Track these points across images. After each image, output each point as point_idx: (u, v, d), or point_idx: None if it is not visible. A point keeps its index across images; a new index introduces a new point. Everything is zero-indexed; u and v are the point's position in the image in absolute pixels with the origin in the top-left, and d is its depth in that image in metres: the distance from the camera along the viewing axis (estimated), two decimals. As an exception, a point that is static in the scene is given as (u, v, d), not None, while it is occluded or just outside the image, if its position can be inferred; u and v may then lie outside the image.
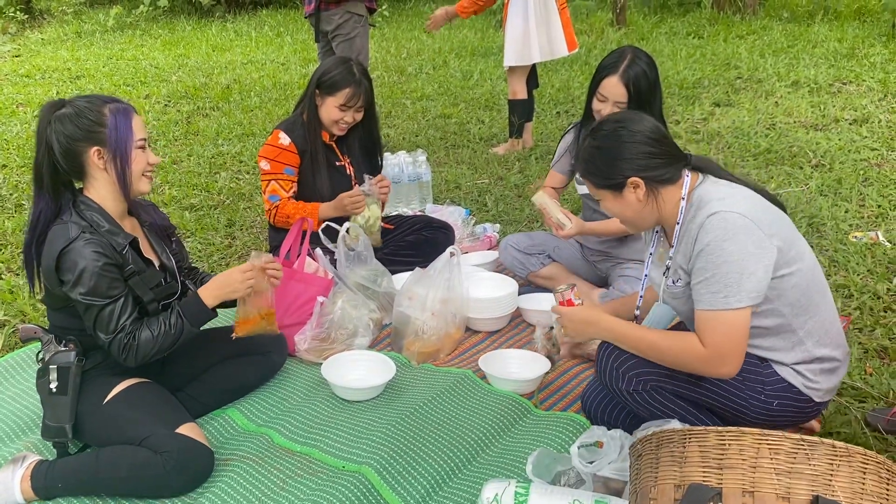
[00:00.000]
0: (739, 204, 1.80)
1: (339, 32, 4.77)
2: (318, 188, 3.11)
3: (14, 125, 6.01)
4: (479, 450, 2.20)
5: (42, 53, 9.38)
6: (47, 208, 2.08)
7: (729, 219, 1.77)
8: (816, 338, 1.90)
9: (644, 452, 1.48)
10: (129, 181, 2.10)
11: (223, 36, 10.12)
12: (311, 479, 2.07)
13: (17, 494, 2.02)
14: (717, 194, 1.84)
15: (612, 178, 1.91)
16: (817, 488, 1.29)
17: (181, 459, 2.01)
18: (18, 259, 3.59)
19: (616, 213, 1.99)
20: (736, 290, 1.75)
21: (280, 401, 2.47)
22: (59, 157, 2.05)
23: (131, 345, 2.05)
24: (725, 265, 1.76)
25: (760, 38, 8.25)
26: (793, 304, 1.85)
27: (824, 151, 4.77)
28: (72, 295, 2.01)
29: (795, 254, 1.85)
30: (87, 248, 1.99)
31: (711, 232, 1.78)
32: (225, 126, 5.91)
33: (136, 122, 2.11)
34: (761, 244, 1.77)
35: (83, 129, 2.04)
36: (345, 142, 3.21)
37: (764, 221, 1.80)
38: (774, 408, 1.92)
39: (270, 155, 3.07)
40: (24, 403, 2.47)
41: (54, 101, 2.10)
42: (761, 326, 1.88)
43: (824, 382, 1.94)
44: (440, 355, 2.70)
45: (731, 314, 1.76)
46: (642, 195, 1.91)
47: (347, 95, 3.00)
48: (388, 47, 9.01)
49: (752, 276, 1.76)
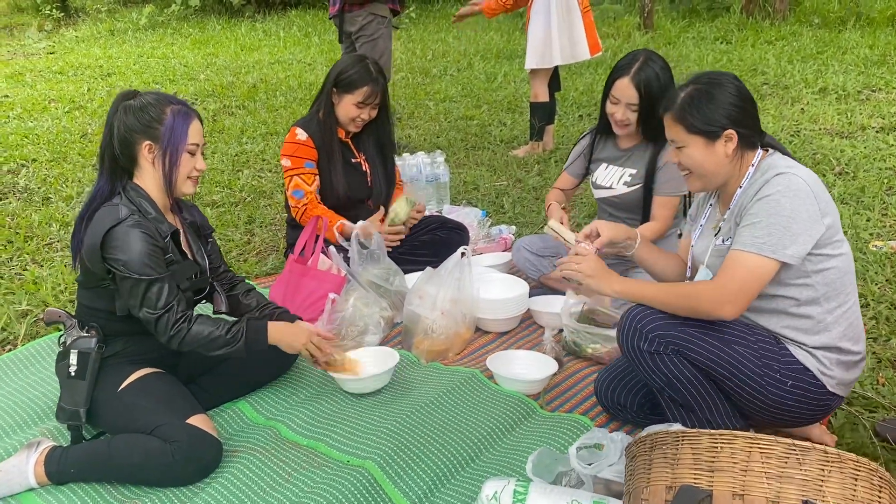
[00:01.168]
0: (805, 173, 1.90)
1: (363, 34, 4.82)
2: (334, 184, 3.16)
3: (45, 120, 6.15)
4: (482, 448, 2.22)
5: (75, 51, 9.58)
6: (103, 190, 2.19)
7: (794, 181, 1.86)
8: (843, 327, 1.95)
9: (638, 454, 1.49)
10: (174, 180, 2.19)
11: (252, 35, 10.25)
12: (315, 472, 2.10)
13: (31, 478, 2.08)
14: (785, 163, 1.94)
15: (712, 123, 1.93)
16: (808, 493, 1.29)
17: (190, 449, 2.06)
18: (44, 251, 3.68)
19: (696, 161, 1.98)
20: (777, 241, 1.83)
21: (289, 395, 2.51)
22: (116, 143, 2.16)
23: (181, 328, 2.12)
24: (777, 216, 1.84)
25: (789, 44, 8.17)
26: (828, 285, 1.92)
27: (849, 159, 4.72)
28: (119, 271, 2.07)
29: (840, 239, 1.92)
30: (135, 228, 2.08)
31: (775, 186, 1.86)
32: (249, 125, 5.99)
33: (194, 127, 2.19)
34: (814, 214, 1.85)
35: (142, 122, 2.14)
36: (360, 139, 3.25)
37: (823, 198, 1.89)
38: (788, 388, 1.94)
39: (290, 151, 3.12)
40: (43, 391, 2.53)
41: (127, 91, 2.22)
42: (795, 298, 1.93)
43: (839, 373, 1.97)
44: (449, 354, 2.72)
45: (760, 260, 1.85)
46: (731, 151, 1.95)
47: (365, 94, 3.04)
48: (413, 49, 9.06)
49: (795, 238, 1.84)
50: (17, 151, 5.23)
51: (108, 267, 2.09)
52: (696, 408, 2.01)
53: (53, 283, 3.25)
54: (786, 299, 1.95)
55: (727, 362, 1.94)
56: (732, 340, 1.95)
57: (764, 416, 2.04)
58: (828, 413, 2.08)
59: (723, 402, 2.02)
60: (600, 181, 2.98)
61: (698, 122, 1.94)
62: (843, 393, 2.01)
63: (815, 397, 1.95)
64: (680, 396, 2.01)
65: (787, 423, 2.08)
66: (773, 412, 2.00)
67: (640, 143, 2.86)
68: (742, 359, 1.93)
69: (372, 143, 3.28)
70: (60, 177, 4.71)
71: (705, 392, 2.00)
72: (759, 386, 1.94)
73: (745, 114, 1.95)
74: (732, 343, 1.94)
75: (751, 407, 2.00)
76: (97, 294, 2.20)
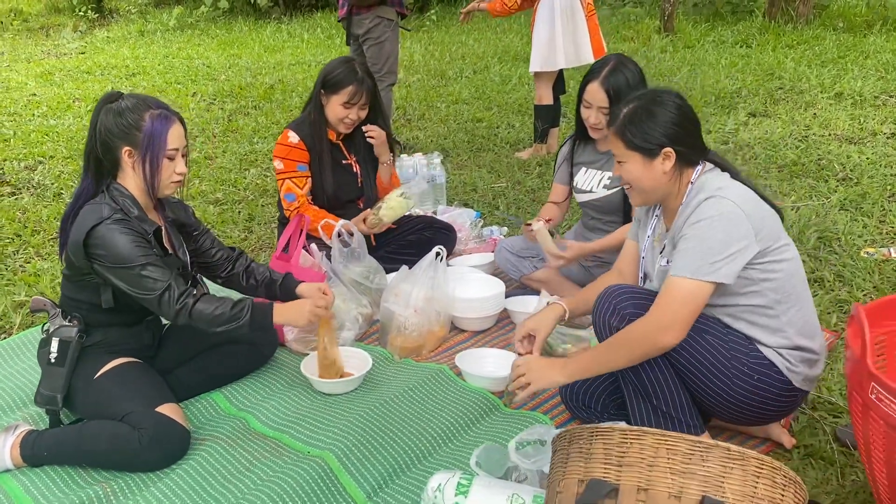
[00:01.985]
0: (735, 194, 1.93)
1: (370, 36, 4.91)
2: (323, 186, 3.23)
3: (68, 118, 6.33)
4: (440, 443, 2.27)
5: (105, 51, 9.83)
6: (88, 189, 2.27)
7: (723, 204, 1.90)
8: (797, 327, 2.00)
9: (559, 448, 1.53)
10: (155, 185, 2.24)
11: (276, 37, 10.41)
12: (275, 461, 2.17)
13: (7, 460, 2.18)
14: (718, 183, 1.98)
15: (650, 141, 1.97)
16: (708, 489, 1.32)
17: (156, 436, 2.14)
18: (49, 245, 3.82)
19: (634, 177, 2.03)
20: (709, 264, 1.88)
21: (262, 387, 2.58)
22: (98, 146, 2.22)
23: (186, 302, 2.19)
24: (709, 241, 1.88)
25: (810, 48, 8.06)
26: (777, 290, 1.96)
27: (854, 165, 4.67)
28: (109, 265, 2.14)
29: (783, 245, 1.98)
30: (117, 225, 2.15)
31: (705, 211, 1.91)
32: (262, 125, 6.11)
33: (173, 133, 2.21)
34: (745, 234, 1.90)
35: (119, 128, 2.18)
36: (352, 140, 3.32)
37: (755, 216, 1.93)
38: (755, 382, 1.98)
39: (282, 154, 3.20)
40: (30, 378, 2.64)
41: (111, 94, 2.26)
42: (749, 304, 1.99)
43: (804, 369, 2.02)
44: (423, 351, 2.77)
45: (693, 284, 1.89)
46: (669, 168, 2.00)
47: (350, 93, 3.11)
48: (433, 51, 9.13)
49: (727, 259, 1.88)
50: (36, 149, 5.40)
51: (93, 263, 2.17)
52: (654, 397, 2.03)
53: (52, 276, 3.38)
54: (739, 306, 2.00)
55: (697, 350, 1.97)
56: (705, 331, 1.99)
57: (728, 411, 2.05)
58: (791, 410, 2.10)
59: (683, 397, 2.05)
60: (581, 185, 3.01)
61: (637, 139, 1.98)
62: (808, 388, 2.06)
63: (780, 393, 1.99)
64: (641, 383, 2.03)
65: (750, 420, 2.10)
66: (737, 407, 2.02)
67: (618, 146, 2.88)
68: (711, 349, 1.97)
69: (364, 145, 3.35)
70: (74, 173, 4.87)
71: (667, 382, 2.02)
72: (727, 378, 1.97)
73: (685, 132, 1.99)
74: (704, 333, 1.98)
75: (715, 401, 2.02)
76: (80, 286, 2.29)
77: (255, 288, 2.55)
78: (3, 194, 4.52)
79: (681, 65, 7.65)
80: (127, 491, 2.09)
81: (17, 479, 2.14)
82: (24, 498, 2.06)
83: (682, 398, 2.05)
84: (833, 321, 2.94)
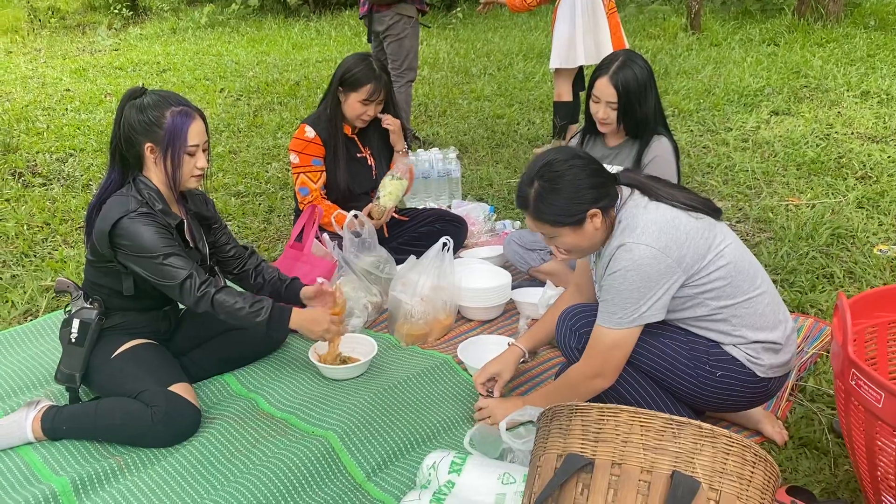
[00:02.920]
0: (649, 234, 1.91)
1: (390, 33, 4.99)
2: (338, 179, 3.31)
3: (99, 113, 6.51)
4: (440, 430, 2.33)
5: (138, 48, 10.03)
6: (115, 181, 2.36)
7: (635, 251, 1.90)
8: (749, 324, 2.01)
9: (541, 425, 1.59)
10: (177, 180, 2.33)
11: (305, 34, 10.54)
12: (279, 439, 2.25)
13: (28, 433, 2.29)
14: (633, 221, 1.94)
15: (574, 214, 1.93)
16: (679, 465, 1.37)
17: (168, 414, 2.24)
18: (76, 233, 3.95)
19: (571, 245, 2.01)
20: (631, 312, 1.92)
21: (273, 370, 2.67)
22: (122, 141, 2.31)
23: (207, 290, 2.29)
24: (626, 292, 1.91)
25: (839, 47, 7.98)
26: (718, 297, 1.97)
27: (875, 163, 4.64)
28: (133, 255, 2.24)
29: (714, 256, 1.95)
30: (142, 218, 2.24)
31: (619, 262, 1.92)
32: (287, 120, 6.22)
33: (193, 129, 2.28)
34: (666, 271, 1.91)
35: (141, 125, 2.26)
36: (366, 134, 3.40)
37: (673, 247, 1.91)
38: (719, 378, 2.03)
39: (298, 148, 3.28)
40: (53, 358, 2.75)
41: (134, 89, 2.33)
42: (696, 316, 2.01)
43: (767, 359, 2.04)
44: (429, 339, 2.84)
45: (619, 333, 1.95)
46: (599, 222, 1.97)
47: (369, 91, 3.18)
48: (458, 48, 9.18)
49: (649, 300, 1.91)
50: (67, 142, 5.57)
51: (117, 253, 2.27)
52: (637, 404, 2.09)
53: (77, 263, 3.50)
54: (685, 319, 2.04)
55: (658, 356, 2.02)
56: (664, 335, 2.03)
57: (707, 404, 2.11)
58: (769, 396, 2.12)
59: (662, 396, 2.10)
60: (590, 179, 3.05)
61: (560, 217, 1.94)
62: (778, 374, 2.07)
63: (748, 384, 2.02)
64: (620, 397, 2.10)
65: (731, 408, 2.14)
66: (713, 400, 2.07)
67: (626, 140, 2.92)
68: (672, 353, 2.02)
69: (378, 137, 3.42)
70: (102, 165, 5.01)
71: (643, 387, 2.08)
72: (693, 377, 2.02)
73: (599, 185, 1.95)
74: (661, 337, 2.02)
75: (690, 396, 2.08)
76: (103, 273, 2.39)
77: (262, 286, 2.64)
78: (34, 185, 4.68)
79: (705, 63, 7.61)
80: (139, 464, 2.19)
81: (37, 451, 2.25)
82: (43, 469, 2.17)
83: (662, 398, 2.11)
84: (839, 316, 2.94)
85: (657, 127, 2.81)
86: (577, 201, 1.92)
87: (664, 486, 1.36)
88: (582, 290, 2.37)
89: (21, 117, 6.31)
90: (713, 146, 5.21)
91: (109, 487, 2.10)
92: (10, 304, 3.20)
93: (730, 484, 1.36)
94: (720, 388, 2.03)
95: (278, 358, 2.76)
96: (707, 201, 2.04)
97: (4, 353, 2.81)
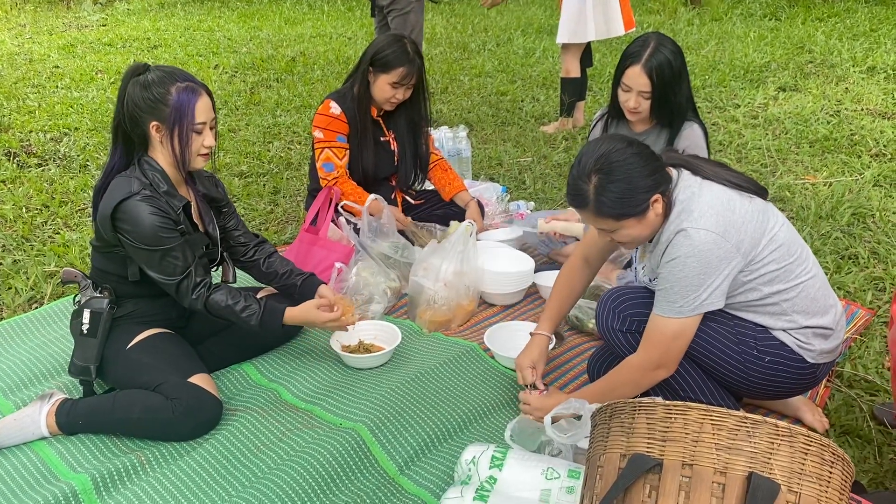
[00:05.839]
0: (708, 218, 1.83)
1: (394, 7, 4.84)
2: (362, 162, 3.19)
3: (91, 91, 6.33)
4: (471, 420, 2.26)
5: (126, 23, 9.80)
6: (119, 162, 2.25)
7: (695, 236, 1.83)
8: (801, 309, 1.95)
9: (599, 422, 1.51)
10: (184, 158, 2.22)
11: (297, 9, 10.34)
12: (308, 432, 2.17)
13: (43, 428, 2.20)
14: (689, 204, 1.86)
15: (638, 204, 1.83)
16: (755, 465, 1.30)
17: (190, 407, 2.15)
18: (76, 216, 3.83)
19: (634, 236, 1.90)
20: (691, 301, 1.85)
21: (292, 359, 2.58)
22: (126, 120, 2.19)
23: (201, 293, 2.23)
24: (686, 279, 1.84)
25: (842, 21, 7.90)
26: (771, 282, 1.91)
27: (888, 140, 4.58)
28: (132, 242, 2.15)
29: (769, 239, 1.89)
30: (145, 202, 2.14)
31: (678, 248, 1.85)
32: (285, 97, 6.07)
33: (200, 105, 2.17)
34: (726, 256, 1.84)
35: (146, 102, 2.14)
36: (391, 117, 3.26)
37: (732, 231, 1.84)
38: (766, 364, 1.97)
39: (322, 124, 3.15)
40: (62, 347, 2.65)
41: (137, 66, 2.20)
42: (747, 300, 1.95)
43: (817, 344, 1.98)
44: (452, 325, 2.76)
45: (679, 323, 1.88)
46: (660, 208, 1.88)
47: (401, 74, 3.04)
48: (455, 24, 9.03)
49: (709, 287, 1.85)
50: (61, 120, 5.41)
51: (119, 237, 2.18)
52: (682, 391, 2.04)
53: (81, 247, 3.39)
54: (737, 304, 1.97)
55: (704, 340, 1.96)
56: (713, 320, 1.96)
57: (750, 390, 2.05)
58: (816, 382, 2.07)
59: (708, 384, 2.04)
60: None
61: (625, 209, 1.83)
62: (827, 360, 2.02)
63: (796, 370, 1.97)
64: (665, 383, 2.03)
65: (776, 395, 2.09)
66: (758, 387, 2.01)
67: (654, 126, 2.79)
68: (719, 336, 1.96)
69: (404, 122, 3.28)
70: (99, 145, 4.87)
71: (689, 374, 2.03)
72: (738, 363, 1.96)
73: (655, 172, 1.85)
74: (711, 322, 1.95)
75: (734, 383, 2.02)
76: (109, 258, 2.29)
77: (272, 279, 2.55)
78: (30, 165, 4.53)
79: (708, 38, 7.51)
80: (161, 460, 2.11)
81: (53, 447, 2.16)
82: (60, 466, 2.08)
83: (707, 385, 2.05)
84: (868, 298, 2.89)
85: (688, 113, 2.70)
86: (640, 190, 1.81)
87: (740, 488, 1.29)
88: (590, 263, 2.27)
89: (10, 95, 6.13)
90: (723, 123, 5.13)
91: (132, 485, 2.01)
92: (14, 290, 3.08)
93: (809, 486, 1.30)
94: (767, 374, 1.97)
95: (297, 346, 2.67)
96: (752, 180, 1.96)
97: (11, 343, 2.71)
